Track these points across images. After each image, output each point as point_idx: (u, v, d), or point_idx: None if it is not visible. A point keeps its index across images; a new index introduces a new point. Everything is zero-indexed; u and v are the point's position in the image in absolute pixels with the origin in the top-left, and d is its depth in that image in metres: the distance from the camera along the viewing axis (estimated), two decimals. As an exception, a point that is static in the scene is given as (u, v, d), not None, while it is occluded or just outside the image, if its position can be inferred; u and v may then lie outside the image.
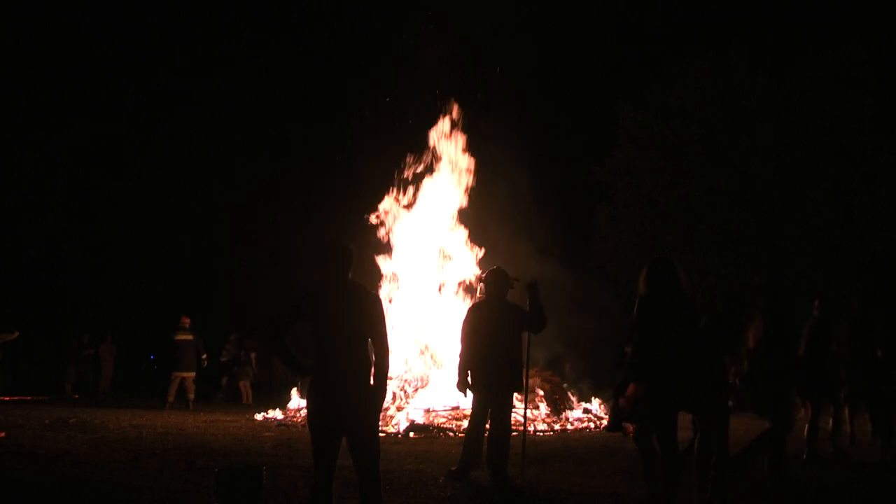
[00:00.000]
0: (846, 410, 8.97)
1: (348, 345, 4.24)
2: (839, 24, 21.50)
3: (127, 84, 26.24)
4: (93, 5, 27.83)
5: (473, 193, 13.90)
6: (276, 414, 12.45)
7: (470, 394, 6.68)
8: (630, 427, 5.37)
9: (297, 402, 12.61)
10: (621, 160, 21.26)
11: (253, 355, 17.00)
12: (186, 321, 14.55)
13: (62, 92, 25.39)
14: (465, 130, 14.04)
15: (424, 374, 12.19)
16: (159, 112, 25.39)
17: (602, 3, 23.34)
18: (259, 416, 12.38)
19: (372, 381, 4.28)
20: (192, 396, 14.57)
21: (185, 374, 14.36)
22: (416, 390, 11.82)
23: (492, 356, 6.44)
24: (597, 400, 12.94)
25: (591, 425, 11.39)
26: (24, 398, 15.92)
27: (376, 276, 13.47)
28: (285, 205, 23.34)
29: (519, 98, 17.90)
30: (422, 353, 12.75)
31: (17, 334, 10.18)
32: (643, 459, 5.31)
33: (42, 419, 11.01)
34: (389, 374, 4.48)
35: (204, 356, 14.68)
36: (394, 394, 11.61)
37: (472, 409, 6.80)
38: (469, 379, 6.59)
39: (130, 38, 27.09)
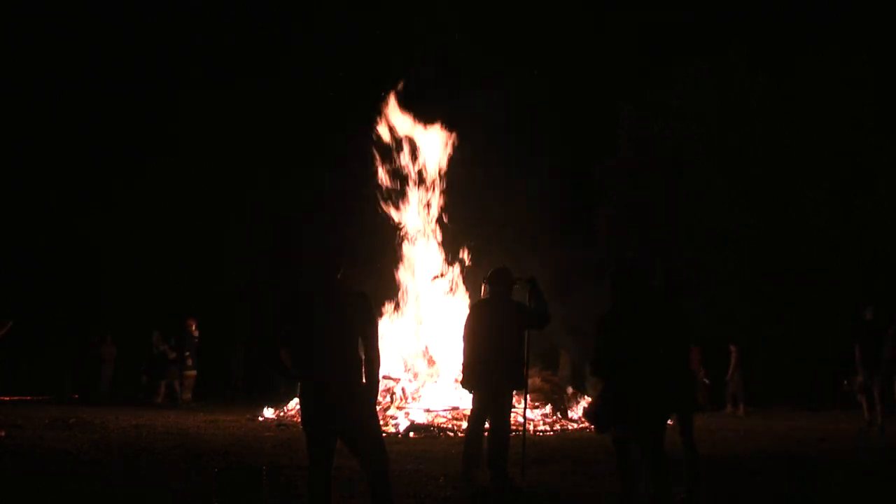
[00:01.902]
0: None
1: (336, 346, 4.25)
2: (839, 24, 21.48)
3: (130, 87, 26.24)
4: (101, 10, 27.81)
5: (474, 195, 13.91)
6: (271, 413, 12.47)
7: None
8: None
9: (296, 402, 12.62)
10: (621, 160, 21.26)
11: (173, 354, 16.81)
12: (191, 322, 14.94)
13: (62, 92, 25.41)
14: (464, 132, 14.05)
15: (425, 375, 12.19)
16: (162, 113, 25.39)
17: (602, 3, 23.35)
18: (260, 417, 12.39)
19: (363, 381, 4.29)
20: (187, 396, 14.86)
21: (185, 374, 14.79)
22: (417, 390, 11.83)
23: (493, 355, 6.44)
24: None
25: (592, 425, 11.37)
26: (24, 398, 15.93)
27: (375, 278, 13.49)
28: (286, 205, 23.36)
29: (519, 98, 17.90)
30: (423, 353, 12.75)
31: (10, 324, 10.19)
32: (617, 461, 5.36)
33: (42, 419, 11.02)
34: (383, 374, 4.52)
35: (186, 353, 14.97)
36: (394, 393, 11.62)
37: (472, 408, 6.79)
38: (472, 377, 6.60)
39: (133, 39, 27.09)
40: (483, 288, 6.97)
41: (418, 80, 14.24)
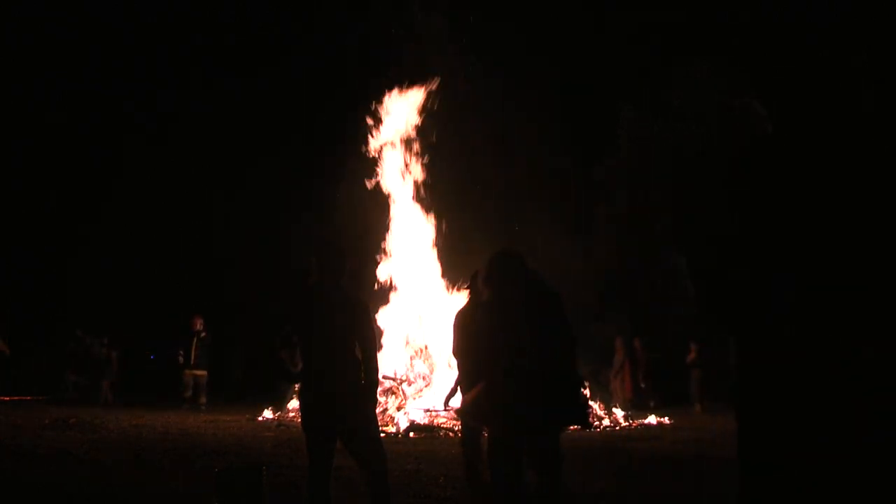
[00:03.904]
0: None
1: (335, 348, 4.26)
2: (839, 23, 21.46)
3: (130, 84, 26.24)
4: (95, 8, 27.82)
5: (474, 194, 13.92)
6: (271, 413, 12.47)
7: None
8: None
9: (296, 402, 12.62)
10: (621, 160, 21.28)
11: (114, 354, 16.69)
12: (199, 321, 14.82)
13: (63, 92, 25.41)
14: (465, 132, 14.06)
15: (425, 375, 12.19)
16: (163, 112, 25.39)
17: (602, 3, 23.34)
18: (260, 417, 12.40)
19: (362, 382, 4.30)
20: (203, 400, 14.70)
21: (197, 373, 14.69)
22: (420, 391, 11.83)
23: (468, 356, 6.40)
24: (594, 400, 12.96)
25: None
26: (24, 398, 15.93)
27: (375, 279, 13.51)
28: (285, 205, 23.36)
29: (518, 98, 17.90)
30: (421, 353, 12.75)
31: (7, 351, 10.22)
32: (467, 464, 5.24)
33: (42, 419, 11.03)
34: (382, 374, 4.52)
35: (180, 352, 14.93)
36: (394, 393, 11.63)
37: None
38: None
39: (133, 39, 27.08)
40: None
41: (418, 80, 14.25)
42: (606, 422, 11.88)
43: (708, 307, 1.95)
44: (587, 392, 11.20)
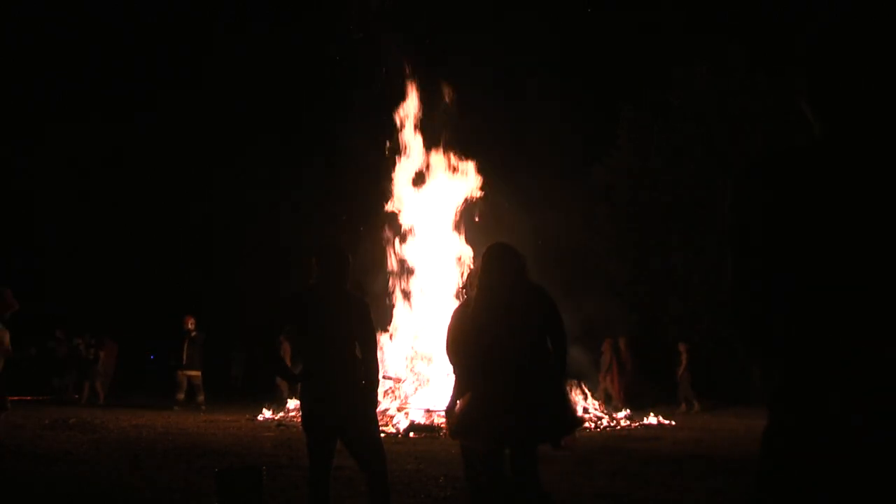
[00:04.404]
0: None
1: (336, 347, 4.26)
2: (839, 24, 21.46)
3: (129, 85, 26.27)
4: (95, 8, 27.83)
5: (473, 195, 13.93)
6: (271, 413, 12.48)
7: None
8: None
9: (297, 402, 12.64)
10: (621, 160, 21.29)
11: (103, 353, 16.54)
12: (191, 321, 14.77)
13: (63, 92, 25.43)
14: (464, 133, 14.09)
15: (425, 375, 12.20)
16: (162, 112, 25.41)
17: (602, 3, 23.37)
18: (260, 417, 12.41)
19: (363, 382, 4.31)
20: (201, 399, 14.66)
21: (190, 373, 14.66)
22: (416, 390, 11.83)
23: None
24: (595, 400, 12.97)
25: (591, 425, 11.39)
26: (24, 398, 15.93)
27: (379, 278, 13.51)
28: (285, 205, 23.37)
29: (519, 98, 17.92)
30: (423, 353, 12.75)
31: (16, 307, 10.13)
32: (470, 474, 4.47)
33: (42, 419, 11.04)
34: (383, 374, 4.49)
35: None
36: (394, 393, 11.64)
37: None
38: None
39: (133, 39, 27.09)
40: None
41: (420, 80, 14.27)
42: (606, 422, 11.89)
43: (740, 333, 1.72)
44: (575, 399, 11.25)
